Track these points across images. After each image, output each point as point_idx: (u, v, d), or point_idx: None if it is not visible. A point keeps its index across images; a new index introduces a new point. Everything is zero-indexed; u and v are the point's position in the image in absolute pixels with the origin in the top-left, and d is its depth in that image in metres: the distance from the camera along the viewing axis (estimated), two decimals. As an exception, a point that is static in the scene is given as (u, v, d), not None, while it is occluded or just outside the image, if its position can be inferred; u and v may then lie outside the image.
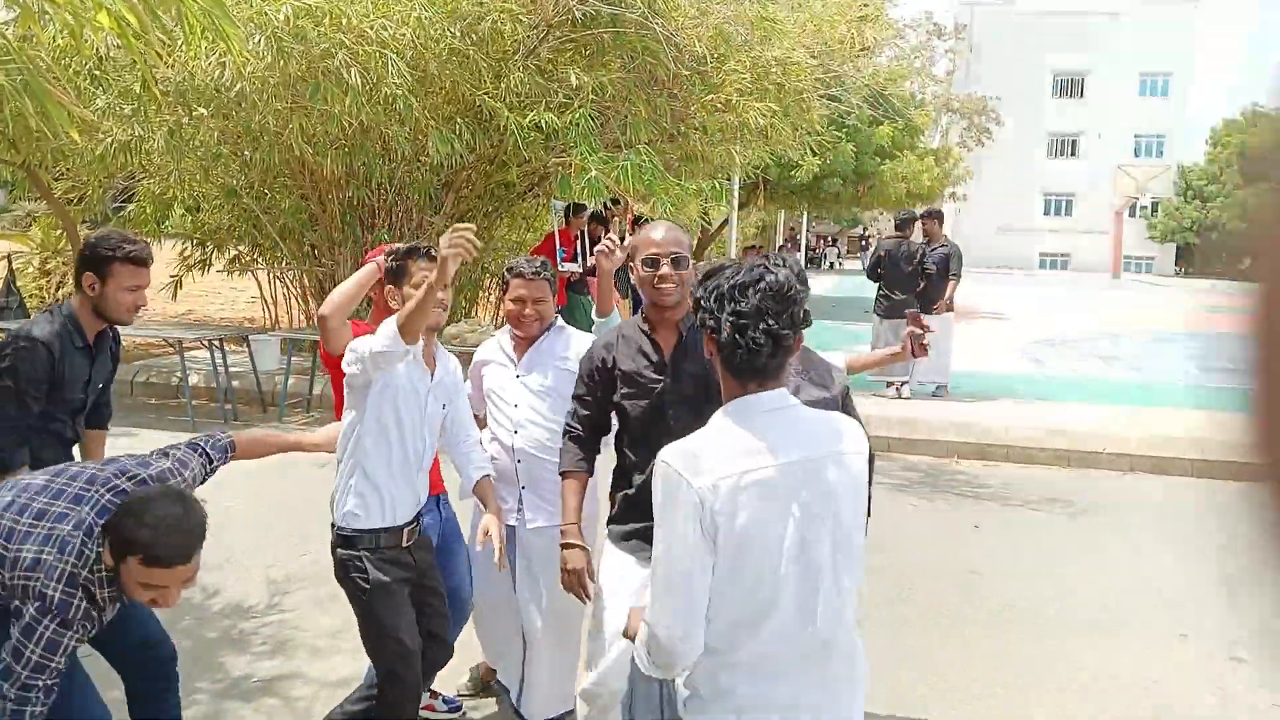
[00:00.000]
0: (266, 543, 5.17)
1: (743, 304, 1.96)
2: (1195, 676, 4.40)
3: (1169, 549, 6.20)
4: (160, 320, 12.16)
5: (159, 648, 3.13)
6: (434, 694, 3.75)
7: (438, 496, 3.52)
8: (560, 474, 3.08)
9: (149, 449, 2.90)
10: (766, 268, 2.01)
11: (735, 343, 1.96)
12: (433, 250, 2.99)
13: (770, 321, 1.95)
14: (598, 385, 2.98)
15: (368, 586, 2.99)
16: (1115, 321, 20.70)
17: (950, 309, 10.25)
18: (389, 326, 2.74)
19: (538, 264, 3.51)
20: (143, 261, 3.20)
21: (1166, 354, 15.64)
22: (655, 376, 2.86)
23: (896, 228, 10.39)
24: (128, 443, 3.56)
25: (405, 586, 3.06)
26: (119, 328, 3.38)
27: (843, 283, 32.16)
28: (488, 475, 3.30)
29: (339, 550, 3.04)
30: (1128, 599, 5.32)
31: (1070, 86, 53.81)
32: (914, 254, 9.97)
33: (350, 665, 4.10)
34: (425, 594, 3.17)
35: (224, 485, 3.26)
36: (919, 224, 10.33)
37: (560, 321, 3.67)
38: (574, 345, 3.55)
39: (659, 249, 2.89)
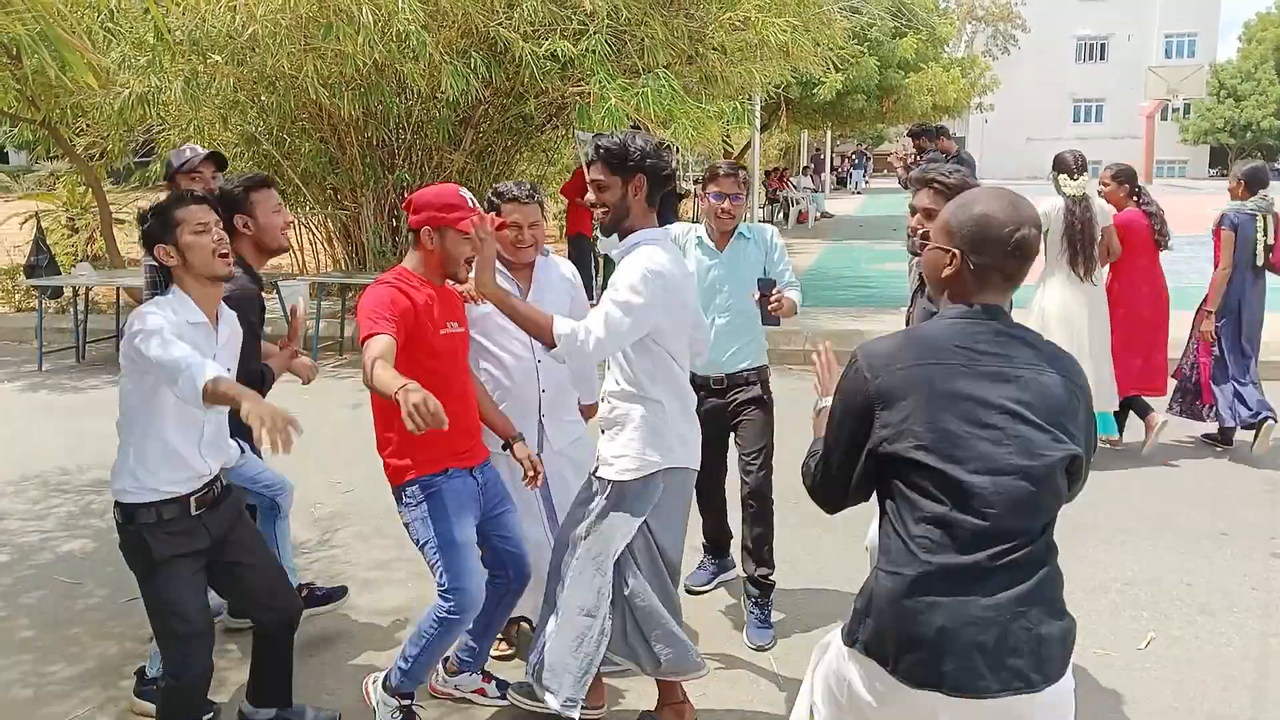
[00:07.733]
0: (307, 486, 5.26)
1: None
2: (1234, 574, 4.41)
3: (1206, 453, 6.18)
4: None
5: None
6: (487, 676, 3.34)
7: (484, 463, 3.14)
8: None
9: None
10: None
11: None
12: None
13: None
14: None
15: (151, 563, 2.77)
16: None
17: None
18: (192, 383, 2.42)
19: (528, 187, 3.34)
20: (268, 183, 3.43)
21: (1201, 259, 15.33)
22: None
23: (920, 143, 10.09)
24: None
25: (199, 560, 2.85)
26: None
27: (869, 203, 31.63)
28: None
29: (123, 526, 2.79)
30: (1166, 504, 5.31)
31: (1098, -13, 52.16)
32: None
33: (400, 595, 4.21)
34: (234, 565, 2.95)
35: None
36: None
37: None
38: (565, 268, 3.53)
39: None
